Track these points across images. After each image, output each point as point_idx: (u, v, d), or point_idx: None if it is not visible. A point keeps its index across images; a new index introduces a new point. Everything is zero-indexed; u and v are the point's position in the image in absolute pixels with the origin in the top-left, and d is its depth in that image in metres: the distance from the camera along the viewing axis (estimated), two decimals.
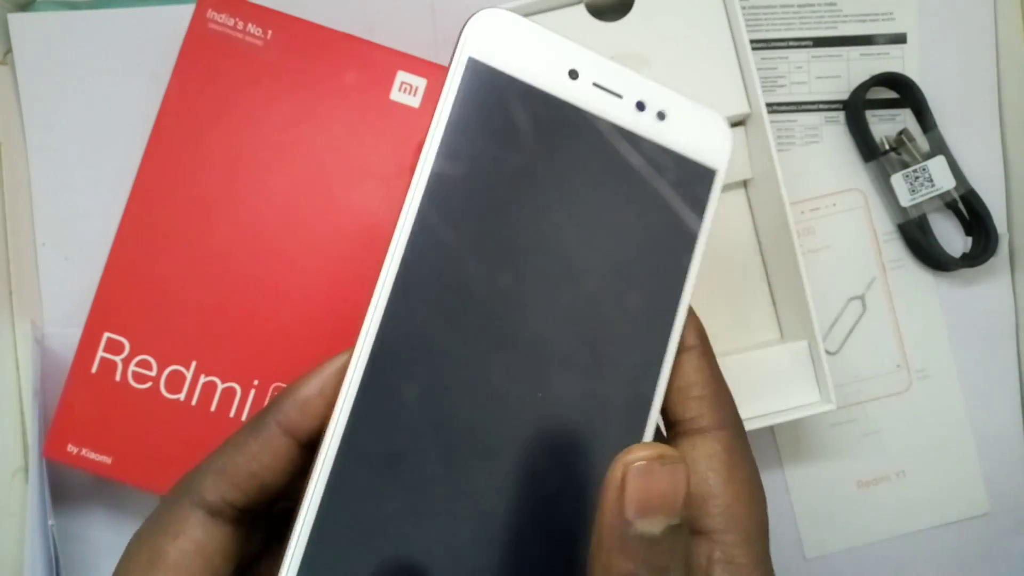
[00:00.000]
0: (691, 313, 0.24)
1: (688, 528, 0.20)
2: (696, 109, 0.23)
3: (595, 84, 0.22)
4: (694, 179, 0.23)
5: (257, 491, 0.20)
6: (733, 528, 0.22)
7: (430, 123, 0.21)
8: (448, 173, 0.21)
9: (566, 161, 0.22)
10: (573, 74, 0.22)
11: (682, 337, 0.23)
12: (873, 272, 0.42)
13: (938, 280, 0.42)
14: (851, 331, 0.42)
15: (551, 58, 0.22)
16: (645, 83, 0.23)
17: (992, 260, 0.41)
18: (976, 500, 0.41)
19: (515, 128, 0.21)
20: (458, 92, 0.21)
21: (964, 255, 0.42)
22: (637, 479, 0.18)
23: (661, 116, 0.23)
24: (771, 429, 0.41)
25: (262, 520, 0.21)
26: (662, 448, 0.19)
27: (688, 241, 0.23)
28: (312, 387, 0.21)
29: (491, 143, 0.21)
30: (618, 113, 0.22)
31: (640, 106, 0.22)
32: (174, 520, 0.20)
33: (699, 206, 0.23)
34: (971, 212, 0.41)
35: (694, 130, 0.23)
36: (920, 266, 0.42)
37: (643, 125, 0.22)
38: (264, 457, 0.20)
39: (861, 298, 0.42)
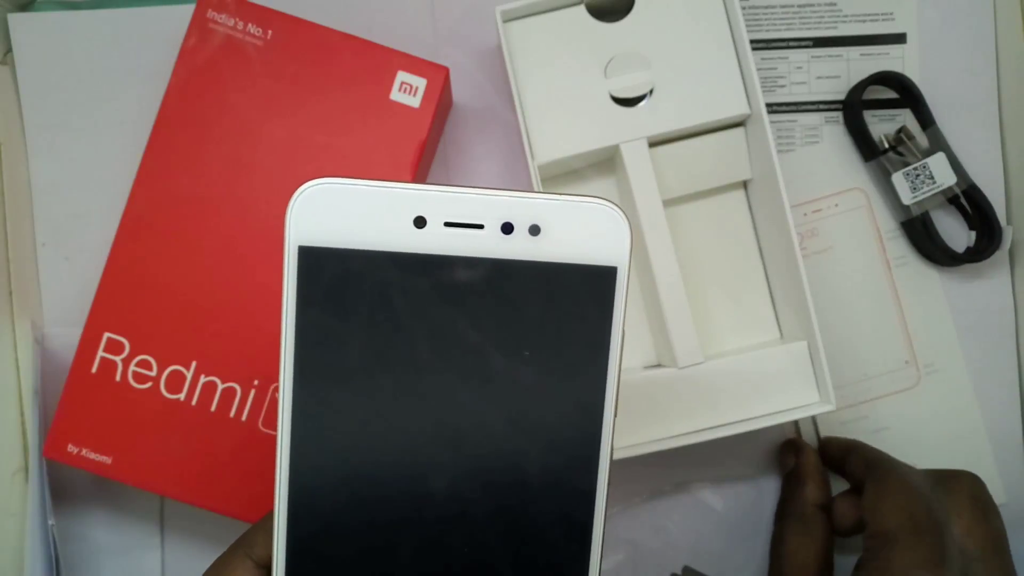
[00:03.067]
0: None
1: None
2: (577, 208, 0.21)
3: (447, 224, 0.20)
4: (591, 285, 0.21)
5: None
6: None
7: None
8: (310, 371, 0.20)
9: (439, 320, 0.20)
10: (419, 222, 0.20)
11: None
12: (879, 271, 0.42)
13: (943, 276, 0.42)
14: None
15: (391, 213, 0.20)
16: (509, 200, 0.20)
17: (997, 254, 0.41)
18: (992, 492, 0.41)
19: (370, 305, 0.20)
20: (297, 286, 0.20)
21: (968, 250, 0.42)
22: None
23: (535, 231, 0.21)
24: (780, 428, 0.41)
25: None
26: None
27: (599, 352, 0.21)
28: None
29: (348, 329, 0.20)
30: (483, 245, 0.20)
31: (507, 228, 0.20)
32: (228, 567, 0.24)
33: (603, 313, 0.21)
34: (974, 207, 0.41)
35: (579, 231, 0.21)
36: (925, 262, 0.42)
37: (516, 248, 0.20)
38: None
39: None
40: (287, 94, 0.36)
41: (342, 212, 0.20)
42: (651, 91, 0.38)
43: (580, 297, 0.21)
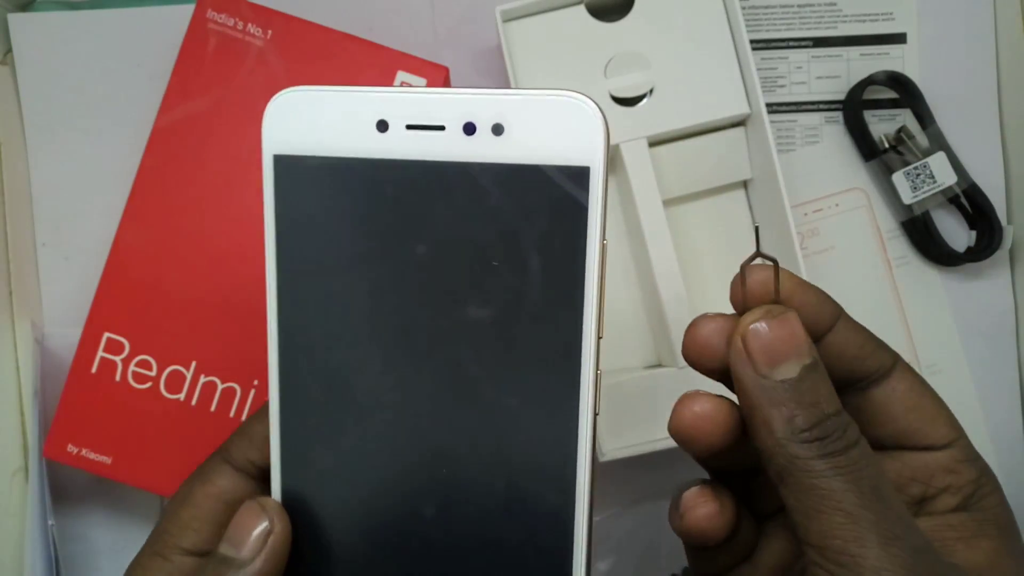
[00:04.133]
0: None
1: (823, 364, 0.21)
2: (543, 102, 0.19)
3: (409, 126, 0.20)
4: (562, 188, 0.19)
5: None
6: None
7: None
8: (292, 272, 0.21)
9: (407, 225, 0.20)
10: (382, 125, 0.20)
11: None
12: (879, 271, 0.42)
13: (944, 275, 0.42)
14: None
15: (355, 118, 0.20)
16: (472, 98, 0.20)
17: (997, 254, 0.41)
18: None
19: (339, 213, 0.20)
20: (275, 195, 0.20)
21: (969, 249, 0.42)
22: (755, 338, 0.21)
23: (497, 130, 0.19)
24: None
25: None
26: (766, 307, 0.22)
27: (573, 263, 0.19)
28: None
29: (323, 234, 0.20)
30: (447, 148, 0.19)
31: (469, 128, 0.19)
32: (206, 471, 0.24)
33: (576, 219, 0.19)
34: (974, 206, 0.41)
35: (546, 129, 0.19)
36: (926, 262, 0.42)
37: (478, 149, 0.19)
38: None
39: None
40: None
41: (311, 119, 0.20)
42: (651, 91, 0.38)
43: (550, 202, 0.19)
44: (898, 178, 0.41)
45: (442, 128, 0.19)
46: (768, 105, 0.38)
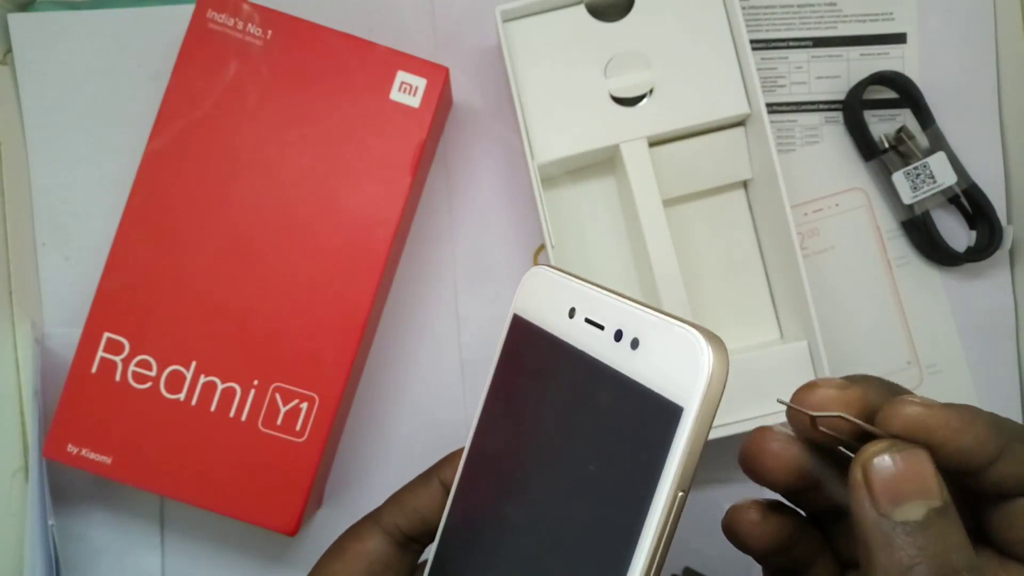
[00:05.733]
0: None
1: (956, 511, 0.19)
2: (665, 330, 0.20)
3: (586, 320, 0.23)
4: (657, 415, 0.20)
5: (420, 523, 0.27)
6: None
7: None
8: (494, 397, 0.26)
9: (557, 393, 0.23)
10: (571, 312, 0.23)
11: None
12: (879, 271, 0.42)
13: (944, 275, 0.42)
14: None
15: (559, 300, 0.24)
16: (628, 310, 0.21)
17: (997, 254, 0.41)
18: None
19: (533, 365, 0.25)
20: (504, 341, 0.26)
21: (969, 249, 0.42)
22: (878, 472, 0.19)
23: (635, 344, 0.21)
24: None
25: (420, 552, 0.28)
26: (890, 440, 0.19)
27: (647, 485, 0.20)
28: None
29: (518, 374, 0.25)
30: (599, 345, 0.22)
31: (617, 336, 0.21)
32: (358, 530, 0.27)
33: (661, 446, 0.19)
34: (974, 206, 0.41)
35: (664, 359, 0.20)
36: (926, 262, 0.42)
37: (618, 355, 0.21)
38: (425, 499, 0.27)
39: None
40: (287, 94, 0.36)
41: (539, 293, 0.25)
42: (651, 91, 0.38)
43: (645, 425, 0.20)
44: (898, 178, 0.41)
45: (602, 328, 0.22)
46: (768, 105, 0.38)
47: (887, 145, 0.41)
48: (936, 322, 0.42)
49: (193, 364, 0.36)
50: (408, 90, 0.36)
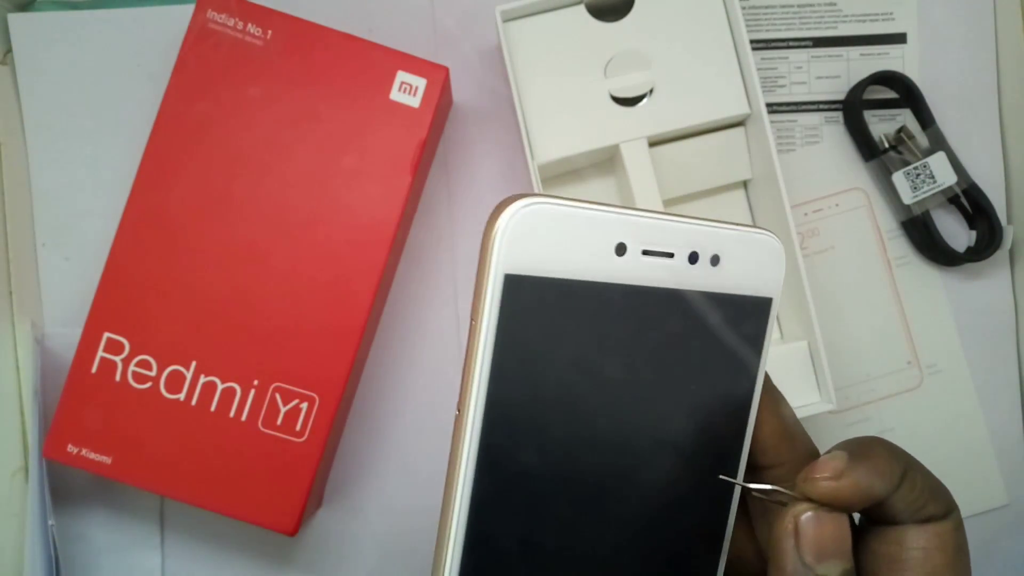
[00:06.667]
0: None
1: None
2: (748, 240, 0.21)
3: (645, 252, 0.20)
4: (750, 315, 0.21)
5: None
6: None
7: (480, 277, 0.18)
8: (502, 394, 0.19)
9: (622, 353, 0.20)
10: (620, 249, 0.19)
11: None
12: (879, 271, 0.42)
13: (944, 275, 0.42)
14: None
15: (594, 239, 0.19)
16: (697, 228, 0.21)
17: (997, 254, 0.41)
18: (994, 492, 0.41)
19: (566, 336, 0.19)
20: (499, 315, 0.18)
21: (969, 249, 0.42)
22: (810, 526, 0.21)
23: (715, 261, 0.21)
24: None
25: None
26: (814, 506, 0.21)
27: (748, 377, 0.22)
28: None
29: (543, 358, 0.19)
30: (671, 275, 0.20)
31: (693, 258, 0.20)
32: None
33: (757, 339, 0.22)
34: (974, 206, 0.41)
35: (748, 264, 0.21)
36: (926, 262, 0.42)
37: (698, 278, 0.20)
38: None
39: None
40: (287, 94, 0.36)
41: (548, 237, 0.18)
42: (651, 91, 0.38)
43: (740, 327, 0.21)
44: (898, 178, 0.41)
45: (671, 256, 0.20)
46: (768, 105, 0.38)
47: (887, 145, 0.41)
48: (936, 322, 0.42)
49: (193, 364, 0.36)
50: (408, 90, 0.36)
